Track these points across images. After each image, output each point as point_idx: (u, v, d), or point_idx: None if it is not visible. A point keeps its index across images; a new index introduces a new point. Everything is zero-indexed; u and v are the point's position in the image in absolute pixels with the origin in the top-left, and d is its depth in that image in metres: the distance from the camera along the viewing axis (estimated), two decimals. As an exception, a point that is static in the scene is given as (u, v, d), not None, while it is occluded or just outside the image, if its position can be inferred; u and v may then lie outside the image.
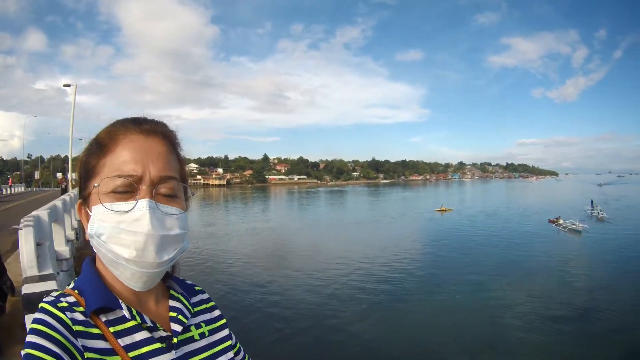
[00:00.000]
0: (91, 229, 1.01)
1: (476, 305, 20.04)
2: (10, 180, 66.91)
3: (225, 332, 1.23)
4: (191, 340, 1.11)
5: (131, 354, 0.97)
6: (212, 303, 1.29)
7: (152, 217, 0.99)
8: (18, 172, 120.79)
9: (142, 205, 0.99)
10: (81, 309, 0.98)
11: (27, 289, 5.07)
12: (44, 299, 0.98)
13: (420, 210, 70.53)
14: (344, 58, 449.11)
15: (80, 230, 22.24)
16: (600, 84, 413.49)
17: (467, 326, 17.48)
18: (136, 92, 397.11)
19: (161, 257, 1.00)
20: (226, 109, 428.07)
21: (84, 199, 1.08)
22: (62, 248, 10.36)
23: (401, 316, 19.00)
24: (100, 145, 1.06)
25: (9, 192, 48.11)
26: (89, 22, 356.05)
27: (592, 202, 61.65)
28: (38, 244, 6.82)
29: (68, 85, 39.83)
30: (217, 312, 1.27)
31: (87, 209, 1.05)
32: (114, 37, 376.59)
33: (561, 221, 45.94)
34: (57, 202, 11.76)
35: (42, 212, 8.15)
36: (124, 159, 1.02)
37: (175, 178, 1.08)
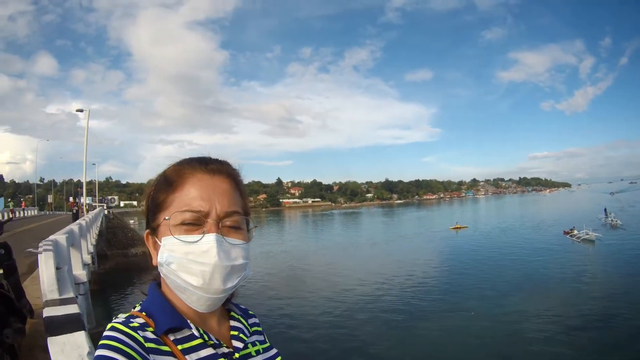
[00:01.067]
0: (161, 257, 1.12)
1: (492, 321, 19.75)
2: (23, 204, 66.61)
3: (274, 351, 1.33)
4: (249, 356, 1.22)
5: None
6: (261, 328, 1.40)
7: (219, 249, 1.09)
8: (30, 196, 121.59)
9: (209, 239, 1.10)
10: (151, 329, 1.08)
11: (48, 312, 5.16)
12: (114, 320, 1.08)
13: (435, 229, 69.69)
14: (353, 80, 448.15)
15: (96, 255, 22.60)
16: (607, 92, 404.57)
17: (484, 343, 17.30)
18: (147, 117, 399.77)
19: (225, 284, 1.11)
20: (238, 134, 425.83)
21: (153, 230, 1.19)
22: (79, 272, 10.54)
23: (418, 335, 18.82)
24: (169, 182, 1.17)
25: (22, 214, 48.39)
26: (99, 46, 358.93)
27: (605, 210, 61.18)
28: (57, 268, 6.95)
29: (81, 111, 40.47)
30: (264, 337, 1.38)
31: (157, 239, 1.17)
32: (124, 62, 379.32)
33: (575, 232, 45.50)
34: (74, 227, 11.93)
35: (60, 237, 8.29)
36: (193, 195, 1.13)
37: (239, 212, 1.18)
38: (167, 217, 1.12)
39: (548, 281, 27.43)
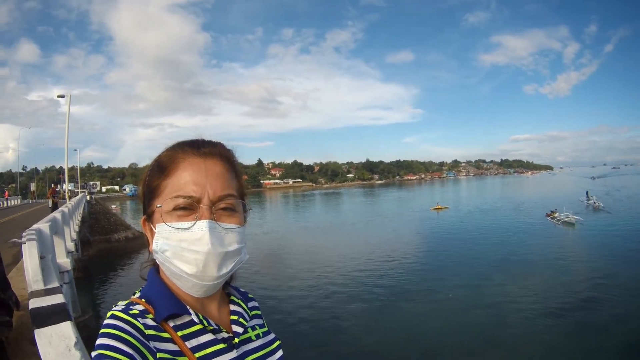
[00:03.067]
0: (156, 245, 1.12)
1: (471, 303, 19.87)
2: (6, 193, 66.07)
3: (272, 335, 1.33)
4: (249, 340, 1.22)
5: (197, 355, 1.07)
6: (260, 312, 1.40)
7: (211, 236, 1.07)
8: (13, 185, 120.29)
9: (202, 226, 1.08)
10: (151, 316, 1.07)
11: (34, 303, 5.07)
12: (114, 307, 1.07)
13: (416, 210, 70.19)
14: (335, 61, 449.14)
15: (79, 242, 22.48)
16: (592, 78, 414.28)
17: (465, 324, 17.37)
18: (128, 101, 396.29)
19: (220, 271, 1.10)
20: (218, 116, 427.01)
21: (148, 216, 1.18)
22: (63, 260, 10.36)
23: (398, 315, 18.88)
24: (162, 168, 1.15)
25: (5, 204, 47.96)
26: (80, 32, 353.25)
27: (587, 192, 62.70)
28: (41, 257, 6.81)
29: (62, 96, 39.47)
30: (262, 320, 1.38)
31: (152, 226, 1.15)
32: (106, 47, 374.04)
33: (556, 214, 45.99)
34: (57, 215, 11.86)
35: (44, 225, 8.23)
36: (185, 180, 1.11)
37: (233, 195, 1.16)
38: (159, 205, 1.12)
39: (527, 263, 27.56)
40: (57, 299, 5.44)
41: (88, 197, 45.98)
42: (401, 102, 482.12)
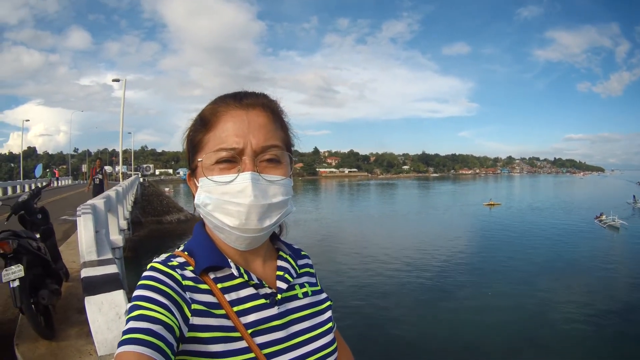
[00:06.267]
0: (198, 199, 1.09)
1: (514, 301, 19.90)
2: (57, 173, 66.23)
3: (324, 295, 1.29)
4: (294, 298, 1.18)
5: (235, 308, 1.05)
6: (313, 270, 1.36)
7: (254, 188, 1.04)
8: (64, 166, 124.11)
9: (244, 177, 1.04)
10: (191, 267, 1.06)
11: (86, 272, 5.18)
12: (154, 260, 1.08)
13: (469, 204, 70.54)
14: (391, 52, 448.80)
15: (131, 222, 22.93)
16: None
17: (505, 322, 17.34)
18: (183, 87, 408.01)
19: (263, 223, 1.06)
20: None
21: (192, 171, 1.16)
22: (116, 237, 10.67)
23: (443, 310, 18.94)
24: (204, 122, 1.12)
25: (56, 184, 49.53)
26: (132, 19, 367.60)
27: (634, 196, 62.98)
28: (95, 232, 7.10)
29: (117, 80, 40.84)
30: (316, 279, 1.34)
31: (195, 180, 1.13)
32: (159, 34, 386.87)
33: (603, 217, 45.57)
34: (111, 193, 12.17)
35: (99, 201, 8.47)
36: (227, 133, 1.07)
37: (277, 146, 1.12)
38: (200, 159, 1.10)
39: (571, 266, 27.12)
40: (111, 269, 5.59)
41: (141, 179, 46.99)
42: (457, 95, 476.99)
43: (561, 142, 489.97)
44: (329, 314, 1.24)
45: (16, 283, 4.70)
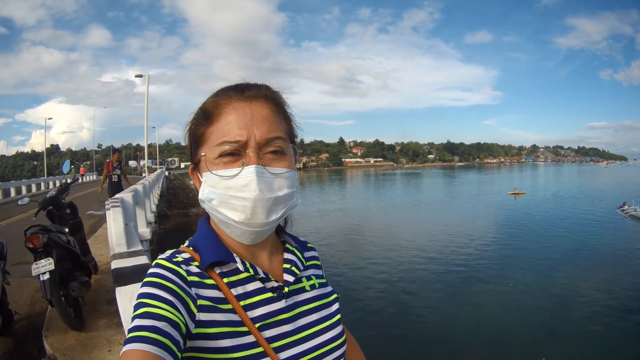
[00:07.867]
0: (202, 194, 1.08)
1: (535, 291, 20.04)
2: (82, 169, 67.95)
3: (330, 288, 1.27)
4: (302, 290, 1.16)
5: (242, 303, 1.03)
6: (320, 262, 1.34)
7: (259, 181, 1.02)
8: (88, 162, 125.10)
9: (249, 171, 1.02)
10: (196, 263, 1.05)
11: (116, 264, 5.21)
12: (159, 256, 1.07)
13: (494, 193, 71.12)
14: (414, 41, 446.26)
15: (157, 215, 23.18)
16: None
17: (526, 313, 17.51)
18: (206, 80, 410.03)
19: (269, 217, 1.04)
20: (299, 94, 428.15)
21: (195, 165, 1.14)
22: (144, 230, 10.92)
23: (465, 299, 19.19)
24: (206, 115, 1.09)
25: (82, 180, 50.53)
26: (152, 15, 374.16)
27: None
28: (125, 224, 7.17)
29: (140, 76, 40.97)
30: (321, 271, 1.32)
31: (199, 175, 1.12)
32: (180, 28, 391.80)
33: (626, 207, 45.41)
34: (138, 186, 12.34)
35: (127, 195, 8.60)
36: (229, 126, 1.05)
37: (281, 137, 1.09)
38: (203, 153, 1.08)
39: (592, 256, 27.10)
40: (141, 259, 5.60)
41: (166, 173, 47.28)
42: (481, 83, 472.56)
43: (584, 130, 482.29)
44: (336, 306, 1.23)
45: (46, 276, 4.81)
